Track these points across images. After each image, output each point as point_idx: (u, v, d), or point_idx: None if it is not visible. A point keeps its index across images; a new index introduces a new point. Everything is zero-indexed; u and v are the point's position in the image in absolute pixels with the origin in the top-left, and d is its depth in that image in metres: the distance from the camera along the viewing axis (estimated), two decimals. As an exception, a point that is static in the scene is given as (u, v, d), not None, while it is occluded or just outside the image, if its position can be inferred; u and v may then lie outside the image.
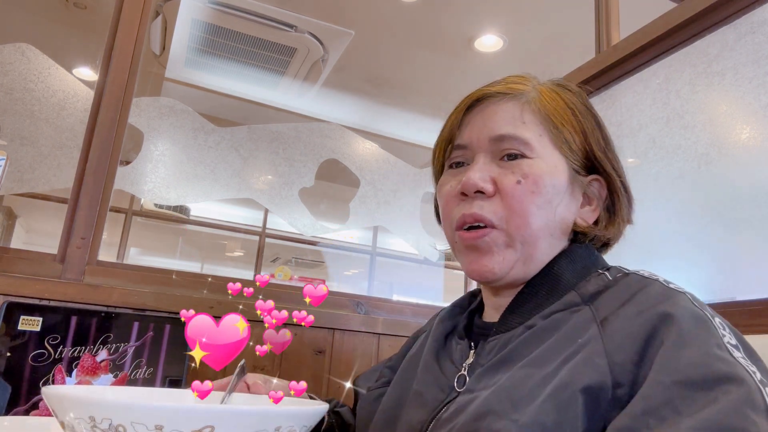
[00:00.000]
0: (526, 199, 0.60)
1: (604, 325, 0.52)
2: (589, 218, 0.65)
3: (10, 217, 4.98)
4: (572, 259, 0.62)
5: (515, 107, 0.64)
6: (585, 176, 0.65)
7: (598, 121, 0.66)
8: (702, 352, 0.45)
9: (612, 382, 0.47)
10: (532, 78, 0.68)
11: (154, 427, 0.34)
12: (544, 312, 0.58)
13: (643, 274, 0.57)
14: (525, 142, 0.62)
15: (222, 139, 1.71)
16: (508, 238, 0.61)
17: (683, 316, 0.48)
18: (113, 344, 0.98)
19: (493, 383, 0.54)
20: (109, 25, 1.36)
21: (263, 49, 2.77)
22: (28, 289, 1.05)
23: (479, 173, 0.62)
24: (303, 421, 0.41)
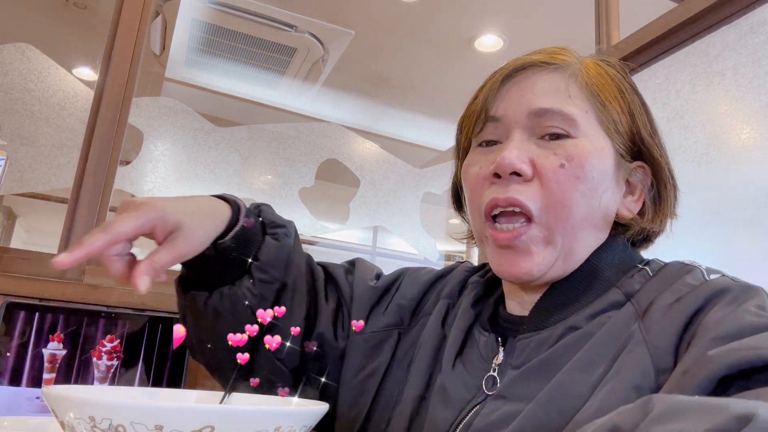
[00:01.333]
0: (570, 186, 0.53)
1: (645, 315, 0.49)
2: (633, 208, 0.58)
3: (10, 217, 4.98)
4: (611, 253, 0.57)
5: (560, 79, 0.56)
6: (630, 162, 0.58)
7: (644, 103, 0.60)
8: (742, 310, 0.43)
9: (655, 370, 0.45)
10: (574, 52, 0.60)
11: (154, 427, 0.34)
12: (587, 311, 0.53)
13: (683, 261, 0.54)
14: (570, 119, 0.54)
15: (222, 139, 1.71)
16: (547, 232, 0.54)
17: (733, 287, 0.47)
18: (113, 344, 0.98)
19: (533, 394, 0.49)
20: (109, 25, 1.36)
21: (263, 49, 2.77)
22: (28, 289, 1.05)
23: (516, 151, 0.53)
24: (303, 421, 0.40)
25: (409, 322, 0.69)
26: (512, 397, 0.51)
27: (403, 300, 0.70)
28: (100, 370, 0.96)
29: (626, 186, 0.58)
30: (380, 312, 0.69)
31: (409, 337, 0.67)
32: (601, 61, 0.60)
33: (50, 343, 0.94)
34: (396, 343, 0.67)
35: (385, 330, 0.68)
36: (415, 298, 0.70)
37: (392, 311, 0.69)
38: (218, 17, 2.55)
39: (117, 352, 0.97)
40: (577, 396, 0.47)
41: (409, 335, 0.68)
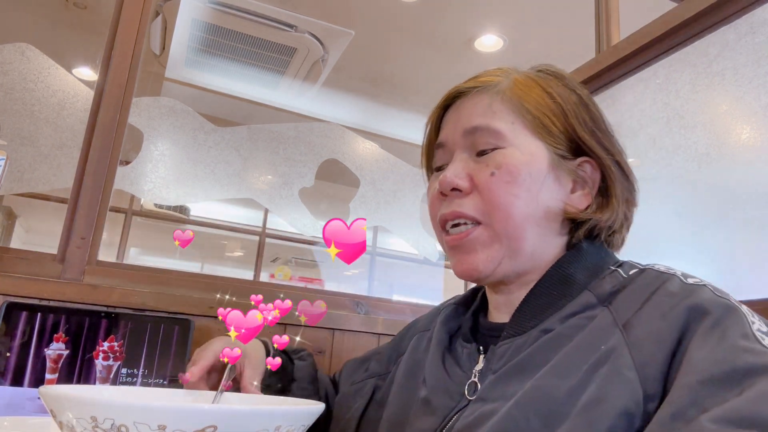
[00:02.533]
0: (502, 190, 0.58)
1: (628, 330, 0.49)
2: (581, 203, 0.61)
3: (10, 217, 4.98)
4: (581, 257, 0.60)
5: (485, 98, 0.62)
6: (573, 159, 0.61)
7: (584, 101, 0.63)
8: (728, 346, 0.43)
9: (644, 396, 0.45)
10: (511, 69, 0.66)
11: (157, 427, 0.34)
12: (560, 314, 0.56)
13: (659, 269, 0.55)
14: (495, 132, 0.60)
15: (222, 139, 1.71)
16: (492, 233, 0.59)
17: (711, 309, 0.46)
18: (113, 344, 0.98)
19: (511, 393, 0.52)
20: (109, 25, 1.36)
21: (263, 49, 2.77)
22: (27, 289, 1.05)
23: (453, 170, 0.61)
24: (302, 420, 0.41)
25: (387, 370, 0.77)
26: (489, 398, 0.54)
27: (379, 356, 0.79)
28: (100, 371, 0.96)
29: (574, 183, 0.62)
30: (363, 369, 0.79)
31: (386, 383, 0.74)
32: (537, 73, 0.65)
33: (53, 343, 0.94)
34: (372, 389, 0.75)
35: (361, 381, 0.77)
36: (390, 348, 0.79)
37: (372, 367, 0.78)
38: (218, 17, 2.55)
39: (114, 353, 0.97)
40: (553, 399, 0.48)
41: (386, 380, 0.74)
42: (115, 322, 1.00)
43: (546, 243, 0.60)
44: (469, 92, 0.64)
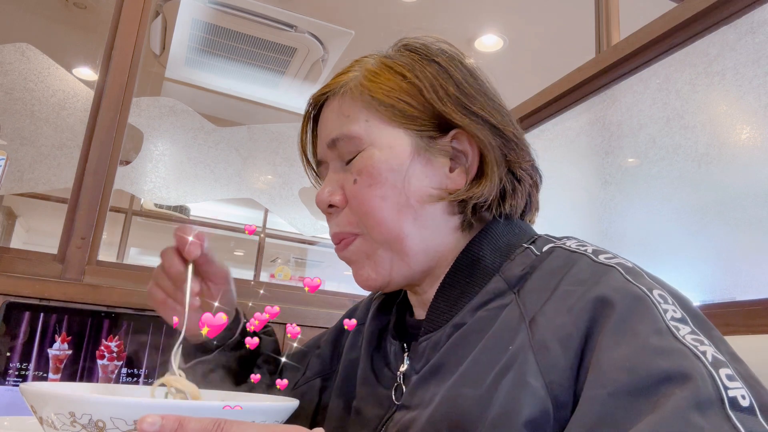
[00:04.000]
0: (367, 196, 0.55)
1: (533, 328, 0.46)
2: (458, 182, 0.56)
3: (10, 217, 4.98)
4: (491, 237, 0.56)
5: (337, 103, 0.59)
6: (444, 136, 0.56)
7: (443, 68, 0.57)
8: (638, 348, 0.39)
9: (553, 404, 0.42)
10: (369, 57, 0.61)
11: (132, 422, 0.35)
12: (471, 303, 0.53)
13: (570, 247, 0.51)
14: (351, 137, 0.56)
15: (222, 139, 1.71)
16: (371, 243, 0.56)
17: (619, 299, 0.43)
18: (113, 344, 0.98)
19: (428, 399, 0.50)
20: (109, 25, 1.36)
21: (263, 49, 2.77)
22: (28, 289, 1.05)
23: (326, 187, 0.58)
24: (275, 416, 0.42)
25: (330, 367, 0.72)
26: (412, 404, 0.52)
27: (319, 349, 0.74)
28: (102, 370, 0.96)
29: (451, 161, 0.57)
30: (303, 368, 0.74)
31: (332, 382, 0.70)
32: (387, 55, 0.60)
33: (56, 343, 0.94)
34: (320, 391, 0.70)
35: (305, 383, 0.72)
36: (330, 341, 0.74)
37: (313, 364, 0.73)
38: (218, 17, 2.55)
39: (111, 353, 0.97)
40: (463, 412, 0.46)
41: (332, 380, 0.70)
42: (116, 322, 1.00)
43: (436, 233, 0.56)
44: (324, 99, 0.61)
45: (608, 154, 1.23)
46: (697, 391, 0.36)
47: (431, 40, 0.61)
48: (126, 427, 0.36)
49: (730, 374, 0.37)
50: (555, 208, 1.35)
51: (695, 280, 0.98)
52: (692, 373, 0.37)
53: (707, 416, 0.35)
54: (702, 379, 0.36)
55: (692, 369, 0.37)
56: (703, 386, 0.36)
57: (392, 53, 0.60)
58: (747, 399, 0.36)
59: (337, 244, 0.59)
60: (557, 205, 1.35)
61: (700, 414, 0.35)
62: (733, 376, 0.37)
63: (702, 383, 0.36)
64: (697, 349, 0.39)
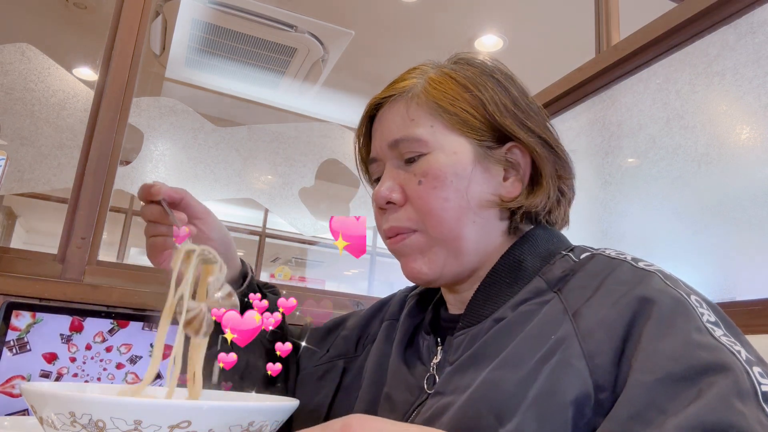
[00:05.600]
0: (431, 197, 0.58)
1: (577, 319, 0.49)
2: (513, 190, 0.61)
3: (10, 217, 4.98)
4: (533, 243, 0.60)
5: (402, 107, 0.62)
6: (500, 147, 0.61)
7: (503, 86, 0.62)
8: (682, 342, 0.43)
9: (594, 386, 0.45)
10: (429, 66, 0.65)
11: (132, 422, 0.35)
12: (511, 302, 0.56)
13: (610, 255, 0.55)
14: (417, 140, 0.60)
15: (222, 139, 1.71)
16: (428, 238, 0.59)
17: (661, 299, 0.46)
18: (113, 344, 0.98)
19: (465, 385, 0.52)
20: (109, 25, 1.36)
21: (263, 49, 2.77)
22: (28, 289, 1.05)
23: (385, 184, 0.61)
24: (275, 416, 0.42)
25: (355, 351, 0.75)
26: (447, 390, 0.54)
27: (345, 332, 0.77)
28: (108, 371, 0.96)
29: (506, 170, 0.61)
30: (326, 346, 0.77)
31: (355, 366, 0.73)
32: (453, 64, 0.65)
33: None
34: (342, 373, 0.73)
35: (328, 362, 0.75)
36: (358, 327, 0.77)
37: (337, 344, 0.76)
38: (218, 17, 2.55)
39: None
40: (504, 392, 0.48)
41: (355, 364, 0.73)
42: (116, 321, 1.00)
43: (488, 235, 0.60)
44: (387, 101, 0.64)
45: (608, 154, 1.23)
46: (737, 381, 0.39)
47: (486, 57, 0.66)
48: (126, 427, 0.36)
49: (761, 372, 0.41)
50: (555, 208, 1.35)
51: (695, 280, 0.97)
52: (732, 366, 0.40)
53: (746, 405, 0.38)
54: (740, 372, 0.40)
55: (732, 363, 0.41)
56: (741, 378, 0.39)
57: (451, 65, 0.64)
58: None
59: (391, 236, 0.62)
60: (557, 205, 1.35)
61: (741, 402, 0.38)
62: (764, 374, 0.41)
63: (740, 375, 0.40)
64: (733, 348, 0.42)
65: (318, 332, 0.80)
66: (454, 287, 0.63)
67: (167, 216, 0.65)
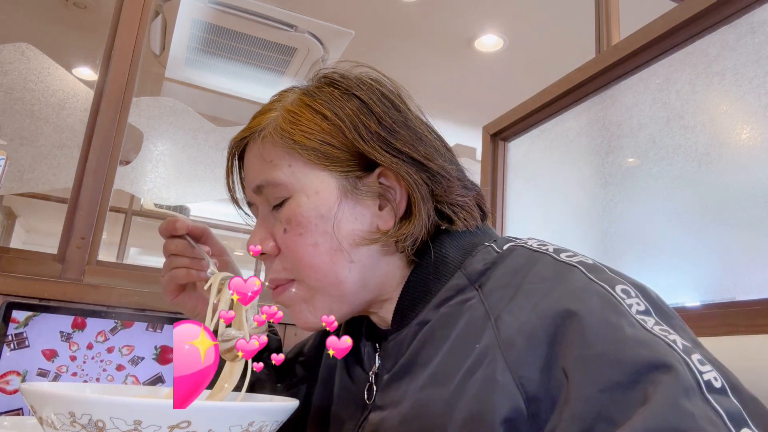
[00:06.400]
0: (298, 245, 0.54)
1: (499, 326, 0.46)
2: (388, 221, 0.55)
3: (10, 217, 4.98)
4: (456, 237, 0.56)
5: (258, 147, 0.57)
6: (369, 174, 0.55)
7: (365, 103, 0.55)
8: (617, 342, 0.40)
9: (525, 399, 0.42)
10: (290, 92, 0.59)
11: (132, 422, 0.35)
12: (433, 302, 0.53)
13: (531, 247, 0.52)
14: (276, 184, 0.55)
15: (222, 139, 1.71)
16: (307, 288, 0.56)
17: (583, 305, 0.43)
18: (114, 345, 0.98)
19: (398, 400, 0.50)
20: (109, 25, 1.36)
21: (263, 49, 2.77)
22: (28, 289, 1.06)
23: (255, 235, 0.58)
24: (275, 416, 0.42)
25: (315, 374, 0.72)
26: (385, 404, 0.53)
27: (303, 357, 0.75)
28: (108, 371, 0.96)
29: (379, 199, 0.56)
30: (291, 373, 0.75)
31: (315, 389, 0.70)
32: (307, 91, 0.58)
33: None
34: (306, 397, 0.71)
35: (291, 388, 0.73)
36: (314, 348, 0.74)
37: (298, 370, 0.74)
38: (218, 17, 2.55)
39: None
40: (432, 414, 0.46)
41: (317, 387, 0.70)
42: (115, 321, 1.00)
43: (375, 269, 0.56)
44: (248, 141, 0.59)
45: (608, 154, 1.23)
46: (679, 378, 0.37)
47: (348, 66, 0.60)
48: (126, 427, 0.36)
49: (700, 359, 0.39)
50: (555, 208, 1.35)
51: (695, 280, 0.98)
52: (672, 360, 0.38)
53: (693, 401, 0.36)
54: (681, 366, 0.38)
55: (671, 357, 0.38)
56: (683, 373, 0.37)
57: (312, 88, 0.58)
58: (719, 381, 0.38)
59: (273, 289, 0.58)
60: (557, 205, 1.35)
61: (687, 400, 0.36)
62: (703, 360, 0.39)
63: (681, 370, 0.38)
64: (668, 338, 0.40)
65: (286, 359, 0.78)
66: (368, 312, 0.60)
67: (191, 249, 0.64)
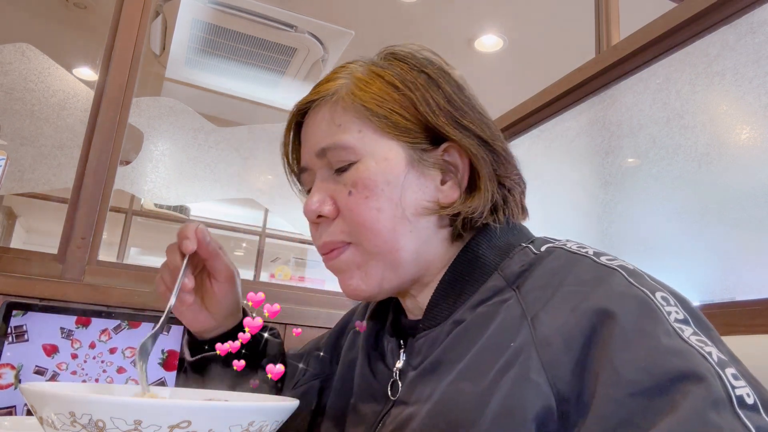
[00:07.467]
0: (362, 208, 0.54)
1: (536, 325, 0.46)
2: (451, 195, 0.56)
3: (10, 217, 4.98)
4: (492, 236, 0.56)
5: (326, 111, 0.57)
6: (435, 149, 0.56)
7: (433, 80, 0.57)
8: (651, 349, 0.40)
9: (556, 399, 0.42)
10: (355, 64, 0.60)
11: (132, 422, 0.35)
12: (470, 302, 0.53)
13: (570, 249, 0.51)
14: (345, 147, 0.55)
15: (222, 139, 1.71)
16: (363, 252, 0.56)
17: (622, 307, 0.43)
18: (117, 345, 0.98)
19: (427, 395, 0.50)
20: (109, 25, 1.36)
21: (263, 49, 2.77)
22: (28, 289, 1.05)
23: (315, 197, 0.57)
24: (275, 416, 0.42)
25: (330, 369, 0.73)
26: (410, 400, 0.52)
27: (319, 351, 0.75)
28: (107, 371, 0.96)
29: (442, 174, 0.57)
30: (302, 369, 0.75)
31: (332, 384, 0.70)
32: (382, 61, 0.59)
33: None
34: (319, 392, 0.71)
35: (306, 383, 0.73)
36: (330, 344, 0.75)
37: (312, 365, 0.74)
38: (218, 17, 2.55)
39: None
40: (463, 407, 0.46)
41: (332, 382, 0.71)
42: (116, 322, 1.00)
43: (427, 244, 0.56)
44: (312, 105, 0.59)
45: (608, 154, 1.23)
46: (710, 390, 0.37)
47: (416, 48, 0.61)
48: (126, 427, 0.36)
49: (735, 373, 0.39)
50: (555, 208, 1.35)
51: (695, 280, 0.98)
52: (704, 372, 0.38)
53: (722, 415, 0.36)
54: (713, 378, 0.37)
55: (704, 368, 0.38)
56: (715, 385, 0.37)
57: (380, 62, 0.59)
58: (751, 397, 0.37)
59: (325, 253, 0.58)
60: (557, 205, 1.35)
61: (716, 413, 0.36)
62: (737, 376, 0.39)
63: (714, 382, 0.37)
64: (703, 350, 0.40)
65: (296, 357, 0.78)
66: (406, 294, 0.60)
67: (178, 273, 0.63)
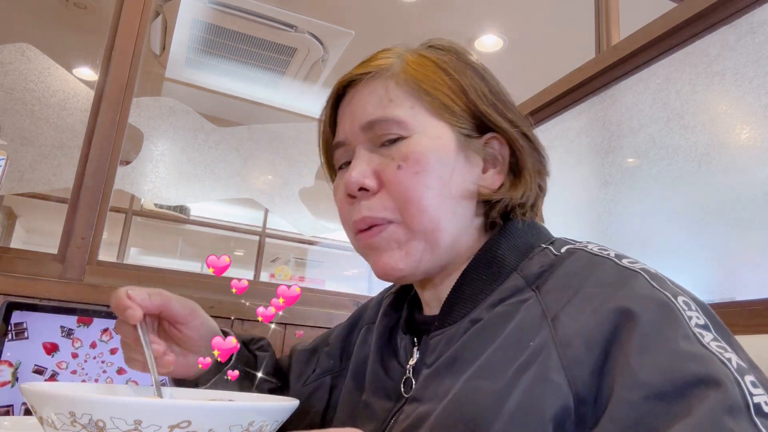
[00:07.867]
0: (412, 183, 0.53)
1: (556, 326, 0.45)
2: (494, 183, 0.57)
3: (10, 217, 4.98)
4: (511, 235, 0.56)
5: (379, 86, 0.57)
6: (479, 137, 0.57)
7: (481, 74, 0.59)
8: (669, 353, 0.40)
9: (575, 400, 0.42)
10: (401, 47, 0.60)
11: (132, 422, 0.35)
12: (489, 301, 0.53)
13: (592, 251, 0.51)
14: (397, 122, 0.55)
15: (222, 139, 1.71)
16: (407, 230, 0.54)
17: (644, 309, 0.42)
18: (118, 346, 0.98)
19: (443, 393, 0.49)
20: (109, 25, 1.36)
21: (263, 49, 2.77)
22: (28, 289, 1.05)
23: (358, 168, 0.55)
24: (275, 416, 0.42)
25: (340, 365, 0.72)
26: (424, 398, 0.51)
27: (328, 347, 0.74)
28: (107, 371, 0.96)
29: (485, 162, 0.58)
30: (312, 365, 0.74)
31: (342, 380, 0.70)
32: (427, 49, 0.60)
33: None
34: (330, 388, 0.70)
35: (315, 380, 0.72)
36: (340, 340, 0.74)
37: (322, 361, 0.73)
38: (218, 17, 2.55)
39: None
40: (481, 405, 0.45)
41: (342, 378, 0.70)
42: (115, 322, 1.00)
43: (465, 229, 0.57)
44: (361, 80, 0.59)
45: (608, 154, 1.23)
46: (727, 396, 0.37)
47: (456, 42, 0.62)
48: (126, 427, 0.35)
49: (754, 381, 0.39)
50: (555, 208, 1.35)
51: (695, 280, 0.98)
52: (723, 378, 0.38)
53: (737, 421, 0.36)
54: (731, 385, 0.37)
55: (722, 374, 0.38)
56: (732, 391, 0.37)
57: (424, 50, 0.60)
58: None
59: (364, 229, 0.56)
60: (557, 205, 1.35)
61: (732, 418, 0.36)
62: (756, 383, 0.39)
63: (731, 388, 0.37)
64: (723, 356, 0.40)
65: (304, 353, 0.77)
66: (424, 283, 0.60)
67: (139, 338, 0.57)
